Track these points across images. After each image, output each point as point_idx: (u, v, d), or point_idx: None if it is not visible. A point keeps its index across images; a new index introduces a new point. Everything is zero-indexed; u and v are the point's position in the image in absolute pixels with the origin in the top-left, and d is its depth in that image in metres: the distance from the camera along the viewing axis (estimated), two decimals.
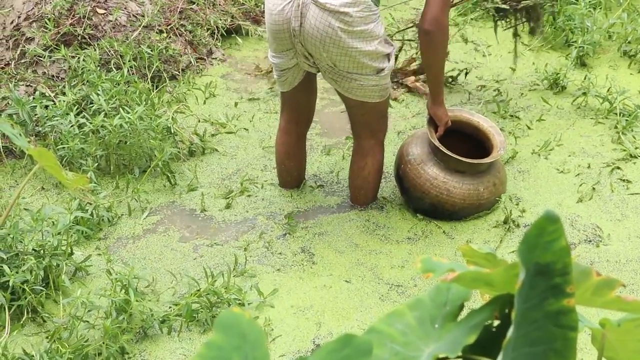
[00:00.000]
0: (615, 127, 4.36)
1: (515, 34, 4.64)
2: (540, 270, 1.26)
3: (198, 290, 3.31)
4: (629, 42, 5.00)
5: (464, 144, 3.84)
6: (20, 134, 2.39)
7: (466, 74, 4.79)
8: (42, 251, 3.32)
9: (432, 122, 3.74)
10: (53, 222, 3.47)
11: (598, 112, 4.48)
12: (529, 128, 4.40)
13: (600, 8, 5.30)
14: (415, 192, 3.76)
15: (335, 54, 3.40)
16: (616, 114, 4.42)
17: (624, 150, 4.20)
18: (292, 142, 3.92)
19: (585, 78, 4.65)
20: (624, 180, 4.02)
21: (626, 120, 4.37)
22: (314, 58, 3.50)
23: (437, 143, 3.66)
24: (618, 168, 4.09)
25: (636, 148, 4.20)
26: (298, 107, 3.84)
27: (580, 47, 4.88)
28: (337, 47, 3.38)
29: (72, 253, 3.45)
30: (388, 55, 3.50)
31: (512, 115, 4.50)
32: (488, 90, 4.72)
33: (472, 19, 5.40)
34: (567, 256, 1.25)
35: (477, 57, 5.09)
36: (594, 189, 3.95)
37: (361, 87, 3.51)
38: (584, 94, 4.56)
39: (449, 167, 3.69)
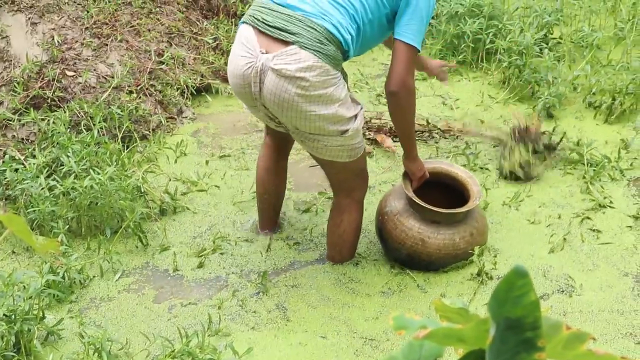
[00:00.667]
0: (584, 177, 4.41)
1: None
2: (510, 324, 1.27)
3: (172, 351, 3.29)
4: (594, 94, 5.08)
5: (445, 195, 3.88)
6: None
7: (442, 130, 4.85)
8: (13, 316, 3.28)
9: (408, 175, 3.78)
10: (24, 286, 3.44)
11: (566, 163, 4.54)
12: (498, 179, 4.45)
13: (564, 60, 5.40)
14: (393, 243, 3.79)
15: (294, 117, 3.38)
16: (584, 164, 4.47)
17: (593, 200, 4.25)
18: (274, 157, 3.96)
19: (553, 130, 4.72)
20: (594, 230, 4.06)
21: (594, 170, 4.43)
22: (277, 119, 3.52)
23: (410, 194, 3.69)
24: (588, 218, 4.14)
25: (604, 198, 4.25)
26: (276, 132, 3.82)
27: (546, 99, 4.96)
28: (295, 111, 3.35)
29: (43, 317, 3.42)
30: (353, 117, 3.47)
31: (481, 167, 4.54)
32: (456, 142, 4.77)
33: None
34: (537, 310, 1.26)
35: (444, 110, 5.15)
36: (564, 239, 3.98)
37: (326, 147, 3.48)
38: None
39: (425, 217, 3.72)
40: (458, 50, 5.59)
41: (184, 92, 5.15)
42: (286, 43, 3.33)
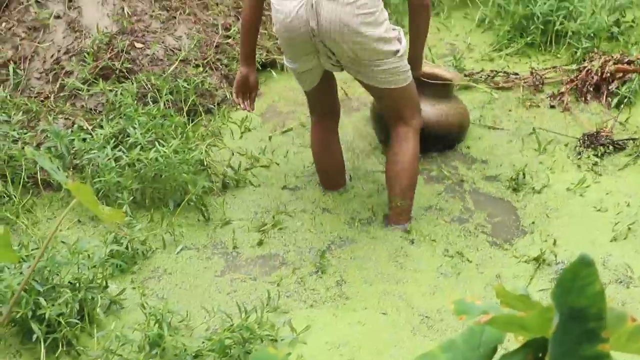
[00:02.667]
0: None
1: None
2: (574, 314, 1.26)
3: (231, 326, 3.33)
4: None
5: None
6: (58, 168, 2.44)
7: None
8: (77, 284, 3.36)
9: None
10: (89, 255, 3.51)
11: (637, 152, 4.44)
12: (578, 166, 4.37)
13: (637, 46, 5.30)
14: None
15: (353, 43, 3.61)
16: None
17: None
18: (325, 136, 4.14)
19: (626, 120, 4.64)
20: None
21: None
22: (335, 55, 3.72)
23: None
24: None
25: None
26: (323, 102, 4.08)
27: (622, 95, 4.86)
28: (355, 34, 3.59)
29: (107, 286, 3.49)
30: (397, 38, 3.75)
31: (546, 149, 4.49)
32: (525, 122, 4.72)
33: (507, 54, 5.42)
34: (601, 301, 1.25)
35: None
36: (629, 228, 3.92)
37: (384, 72, 3.75)
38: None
39: (429, 94, 4.30)
40: (527, 31, 5.51)
41: None
42: None
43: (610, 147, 4.44)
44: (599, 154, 4.41)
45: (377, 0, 3.65)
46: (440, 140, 4.44)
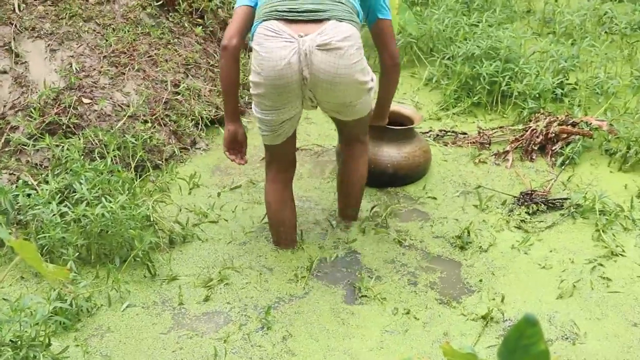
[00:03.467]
0: (596, 225, 4.40)
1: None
2: None
3: None
4: (609, 141, 5.09)
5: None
6: (1, 226, 2.41)
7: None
8: (19, 342, 3.29)
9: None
10: (31, 312, 3.45)
11: (579, 211, 4.52)
12: (507, 222, 4.45)
13: (580, 107, 5.42)
14: (378, 169, 4.71)
15: (343, 90, 3.76)
16: (596, 212, 4.47)
17: (605, 247, 4.24)
18: (282, 189, 4.16)
19: (568, 179, 4.73)
20: (604, 277, 4.04)
21: (606, 219, 4.42)
22: (317, 100, 3.85)
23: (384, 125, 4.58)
24: (601, 265, 4.12)
25: (617, 246, 4.24)
26: (287, 156, 4.12)
27: (569, 152, 4.96)
28: (346, 83, 3.74)
29: (49, 344, 3.43)
30: (372, 78, 3.92)
31: (487, 209, 4.55)
32: (469, 190, 4.78)
33: (454, 113, 5.50)
34: (546, 359, 1.27)
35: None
36: (574, 286, 3.97)
37: (360, 109, 3.95)
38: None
39: (391, 139, 4.72)
40: (473, 91, 5.62)
41: (199, 124, 5.18)
42: (320, 22, 3.71)
43: (543, 206, 4.52)
44: (530, 212, 4.48)
45: (361, 50, 3.81)
46: (408, 178, 4.80)
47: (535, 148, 5.04)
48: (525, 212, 4.50)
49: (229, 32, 3.87)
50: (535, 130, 5.09)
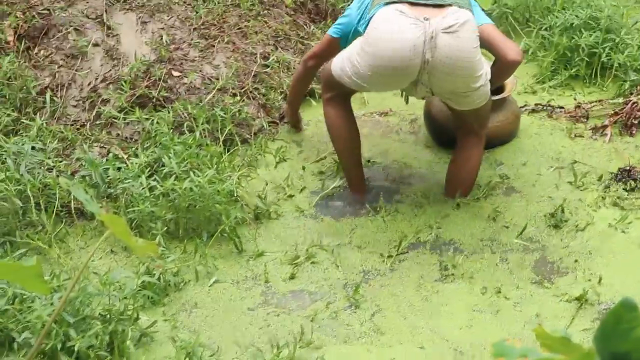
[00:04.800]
0: None
1: None
2: (617, 359, 1.24)
3: None
4: None
5: None
6: (92, 198, 2.45)
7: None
8: (108, 316, 3.36)
9: None
10: (120, 286, 3.51)
11: None
12: (603, 199, 4.33)
13: None
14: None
15: (460, 76, 3.85)
16: None
17: None
18: (347, 107, 4.38)
19: None
20: None
21: None
22: (433, 86, 3.91)
23: None
24: None
25: None
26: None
27: None
28: (468, 69, 3.83)
29: (138, 318, 3.49)
30: (486, 72, 3.99)
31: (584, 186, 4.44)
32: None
33: (550, 86, 5.39)
34: None
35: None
36: None
37: (475, 99, 4.01)
38: None
39: None
40: (571, 63, 5.47)
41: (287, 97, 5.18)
42: (442, 7, 3.82)
43: None
44: (628, 189, 4.36)
45: (478, 37, 3.89)
46: (500, 143, 4.79)
47: (636, 122, 4.89)
48: (623, 189, 4.38)
49: (311, 52, 4.57)
50: (636, 104, 4.94)
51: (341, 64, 4.11)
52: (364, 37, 3.92)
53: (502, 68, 4.14)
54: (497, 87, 4.52)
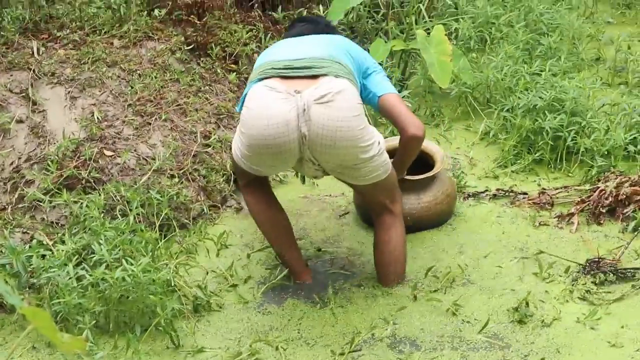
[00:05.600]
0: None
1: None
2: None
3: None
4: None
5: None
6: (13, 289, 2.42)
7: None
8: None
9: None
10: None
11: None
12: (570, 292, 4.38)
13: None
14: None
15: (344, 147, 3.92)
16: None
17: None
18: (268, 192, 4.49)
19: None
20: None
21: None
22: (319, 162, 4.03)
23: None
24: None
25: None
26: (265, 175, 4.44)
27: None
28: (347, 139, 3.90)
29: None
30: (378, 141, 4.08)
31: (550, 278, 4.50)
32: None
33: (512, 171, 5.48)
34: None
35: None
36: None
37: (369, 171, 4.10)
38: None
39: (409, 189, 4.80)
40: (535, 147, 5.59)
41: (230, 179, 5.20)
42: (317, 77, 3.98)
43: (612, 276, 4.46)
44: (597, 282, 4.42)
45: (361, 106, 4.03)
46: (431, 226, 4.93)
47: (604, 211, 4.99)
48: (592, 282, 4.44)
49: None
50: (604, 191, 5.04)
51: (234, 148, 4.25)
52: (241, 117, 4.08)
53: (403, 143, 4.35)
54: (426, 164, 4.90)
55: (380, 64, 4.53)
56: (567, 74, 6.27)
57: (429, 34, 5.76)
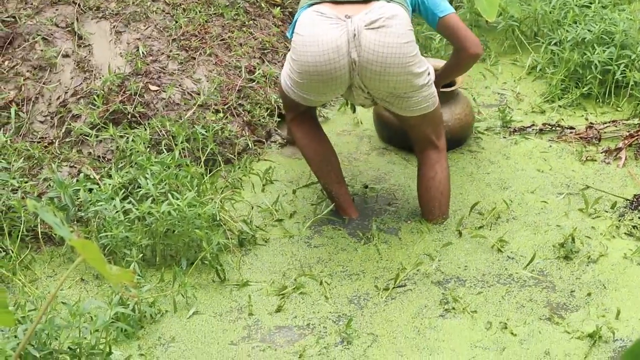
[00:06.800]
0: None
1: None
2: None
3: None
4: None
5: None
6: (61, 222, 2.46)
7: None
8: (78, 350, 3.36)
9: None
10: (92, 317, 3.52)
11: None
12: (617, 228, 4.36)
13: None
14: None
15: (394, 74, 3.94)
16: None
17: None
18: (316, 125, 4.50)
19: None
20: None
21: None
22: (369, 89, 4.06)
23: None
24: None
25: None
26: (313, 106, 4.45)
27: None
28: (397, 65, 3.92)
29: (110, 353, 3.48)
30: (428, 72, 4.12)
31: (597, 214, 4.48)
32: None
33: (560, 105, 5.43)
34: None
35: None
36: None
37: (418, 101, 4.12)
38: None
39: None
40: (583, 81, 5.53)
41: (274, 114, 5.20)
42: (367, 3, 3.96)
43: None
44: None
45: (412, 32, 4.02)
46: (463, 141, 5.06)
47: None
48: (639, 217, 4.42)
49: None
50: None
51: (284, 77, 4.26)
52: (292, 44, 4.09)
53: (463, 60, 4.39)
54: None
55: None
56: (617, 6, 6.15)
57: None
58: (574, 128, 5.19)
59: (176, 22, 5.30)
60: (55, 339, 3.36)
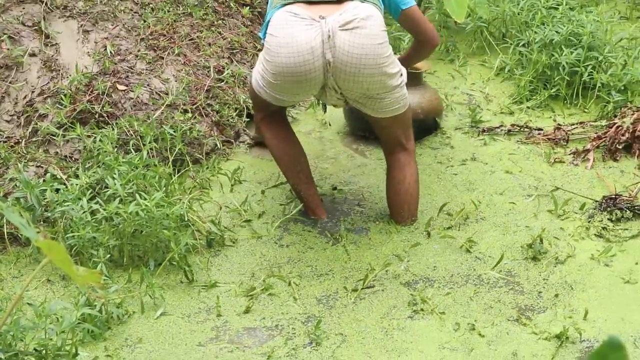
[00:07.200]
0: None
1: None
2: None
3: None
4: None
5: None
6: (27, 223, 2.44)
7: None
8: (44, 351, 3.33)
9: None
10: (58, 318, 3.49)
11: None
12: (586, 229, 4.39)
13: None
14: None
15: (368, 75, 3.95)
16: None
17: None
18: (286, 125, 4.52)
19: None
20: None
21: None
22: (342, 90, 4.06)
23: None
24: None
25: None
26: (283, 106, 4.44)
27: None
28: (371, 67, 3.93)
29: (77, 354, 3.46)
30: (401, 73, 4.14)
31: (565, 215, 4.50)
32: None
33: (528, 107, 5.46)
34: None
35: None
36: None
37: (391, 104, 4.16)
38: None
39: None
40: (551, 82, 5.56)
41: (243, 114, 5.19)
42: (341, 3, 3.96)
43: (628, 212, 4.46)
44: (613, 219, 4.42)
45: (386, 33, 4.03)
46: (420, 127, 4.97)
47: (620, 147, 4.97)
48: (608, 219, 4.44)
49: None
50: (620, 127, 5.02)
51: (255, 77, 4.24)
52: (265, 45, 4.07)
53: (424, 50, 4.55)
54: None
55: None
56: (585, 8, 6.20)
57: None
58: (542, 129, 5.22)
59: (144, 21, 5.27)
60: (20, 340, 3.33)
